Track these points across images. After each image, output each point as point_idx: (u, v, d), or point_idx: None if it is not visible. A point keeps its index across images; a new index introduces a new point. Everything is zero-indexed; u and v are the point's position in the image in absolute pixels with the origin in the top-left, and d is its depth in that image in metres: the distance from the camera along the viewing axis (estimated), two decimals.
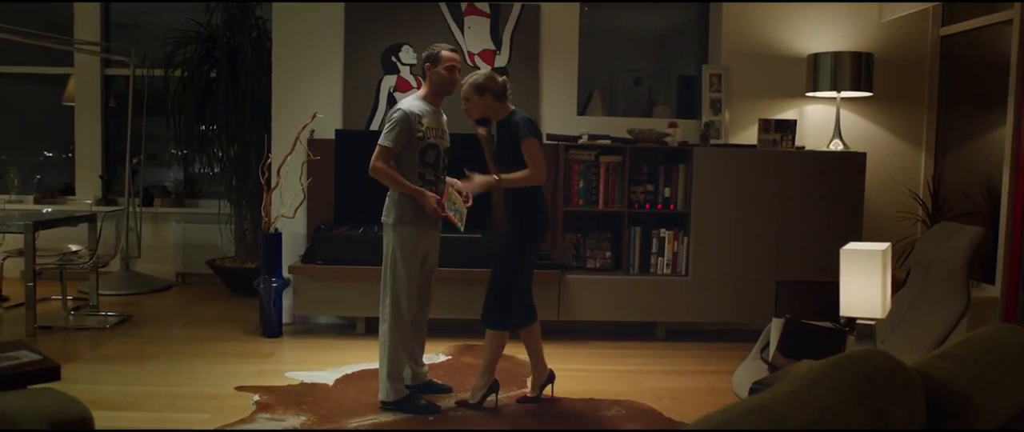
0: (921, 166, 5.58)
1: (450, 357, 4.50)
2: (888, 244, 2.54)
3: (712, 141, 5.24)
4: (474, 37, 5.28)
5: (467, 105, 3.61)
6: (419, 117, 3.59)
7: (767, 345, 3.30)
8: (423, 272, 3.71)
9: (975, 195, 5.16)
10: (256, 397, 3.74)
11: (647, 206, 5.08)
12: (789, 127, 5.11)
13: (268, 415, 3.51)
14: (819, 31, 5.44)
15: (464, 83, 3.60)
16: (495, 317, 3.59)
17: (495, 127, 3.71)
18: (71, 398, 2.39)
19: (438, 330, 4.56)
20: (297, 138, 4.95)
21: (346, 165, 4.94)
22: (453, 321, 4.84)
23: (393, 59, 5.25)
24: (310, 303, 4.95)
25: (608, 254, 5.14)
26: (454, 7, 5.27)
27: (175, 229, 6.59)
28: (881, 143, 5.50)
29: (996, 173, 4.87)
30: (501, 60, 5.29)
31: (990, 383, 1.60)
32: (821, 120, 5.47)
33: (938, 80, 5.55)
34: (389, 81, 5.25)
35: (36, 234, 4.82)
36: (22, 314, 4.90)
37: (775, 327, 3.15)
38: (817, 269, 4.90)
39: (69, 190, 6.84)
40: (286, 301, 4.99)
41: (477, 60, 5.27)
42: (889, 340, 3.37)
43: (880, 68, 5.33)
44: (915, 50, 5.52)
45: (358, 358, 4.41)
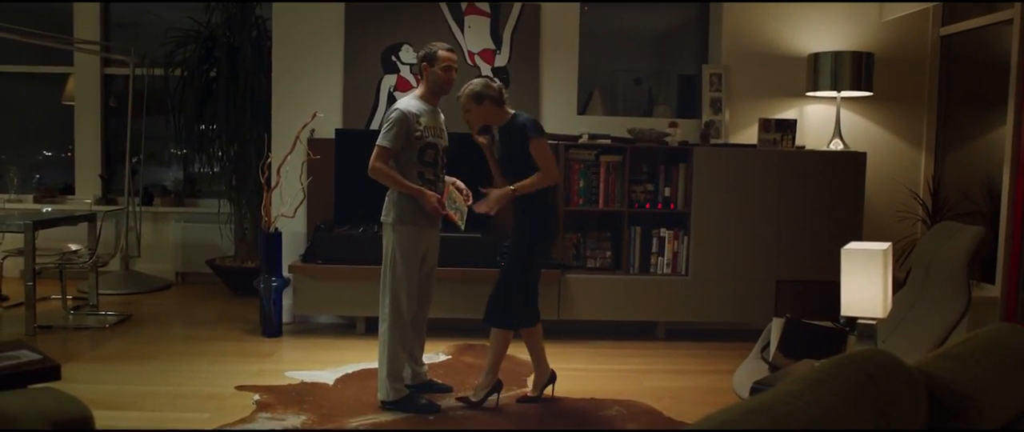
0: (921, 166, 5.58)
1: (450, 357, 4.50)
2: (889, 244, 2.54)
3: (712, 141, 5.24)
4: (474, 36, 5.27)
5: (468, 116, 3.60)
6: (417, 116, 3.58)
7: (767, 345, 3.30)
8: (422, 271, 3.71)
9: (975, 195, 5.16)
10: (256, 396, 3.74)
11: (647, 206, 5.07)
12: (789, 127, 5.11)
13: (268, 415, 3.51)
14: (819, 31, 5.44)
15: (461, 95, 3.58)
16: (499, 316, 3.59)
17: (496, 134, 3.69)
18: (72, 398, 2.39)
19: (438, 330, 4.56)
20: (297, 137, 4.95)
21: (346, 164, 4.94)
22: (453, 321, 4.84)
23: (393, 58, 5.25)
24: (310, 302, 4.95)
25: (608, 254, 5.14)
26: (454, 6, 5.26)
27: (175, 228, 6.58)
28: (881, 143, 5.50)
29: (996, 173, 4.87)
30: (501, 60, 5.28)
31: (992, 383, 1.60)
32: (821, 120, 5.47)
33: (938, 80, 5.55)
34: (389, 80, 5.25)
35: (36, 233, 4.82)
36: (22, 313, 4.89)
37: (776, 327, 3.15)
38: (817, 269, 4.90)
39: (69, 189, 6.83)
40: (286, 300, 4.99)
41: (477, 60, 5.27)
42: (890, 340, 3.37)
43: (880, 68, 5.33)
44: (915, 50, 5.52)
45: (358, 358, 4.41)
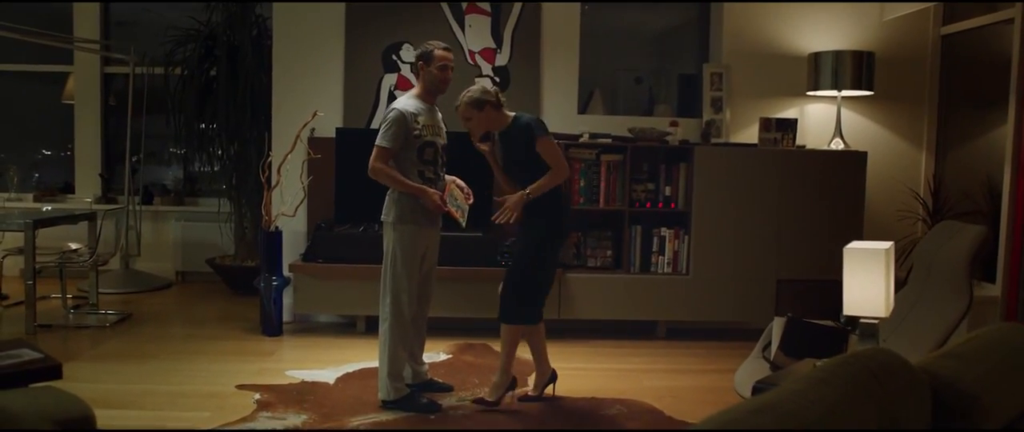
0: (922, 165, 5.58)
1: (451, 356, 4.50)
2: (891, 243, 2.54)
3: (713, 140, 5.23)
4: (475, 35, 5.27)
5: (469, 124, 3.58)
6: (415, 115, 3.58)
7: (769, 344, 3.29)
8: (422, 270, 3.71)
9: (976, 194, 5.15)
10: (257, 395, 3.73)
11: (648, 205, 5.07)
12: (790, 126, 5.11)
13: (269, 414, 3.51)
14: (820, 30, 5.43)
15: (459, 104, 3.56)
16: (510, 312, 3.58)
17: (497, 139, 3.67)
18: (74, 397, 2.38)
19: (438, 329, 4.56)
20: (298, 136, 4.94)
21: (347, 163, 4.93)
22: (453, 320, 4.84)
23: (394, 57, 5.24)
24: (310, 302, 4.94)
25: (609, 253, 5.13)
26: (455, 6, 5.26)
27: (175, 227, 6.58)
28: (882, 142, 5.49)
29: (997, 172, 4.86)
30: (502, 59, 5.28)
31: (996, 382, 1.60)
32: (822, 119, 5.47)
33: (939, 79, 5.55)
34: (390, 79, 5.25)
35: (36, 232, 4.82)
36: (22, 312, 4.89)
37: (777, 326, 3.15)
38: (818, 268, 4.90)
39: (69, 188, 6.83)
40: (286, 300, 4.99)
41: (478, 59, 5.26)
42: (891, 339, 3.37)
43: (881, 67, 5.33)
44: (916, 49, 5.52)
45: (359, 357, 4.40)
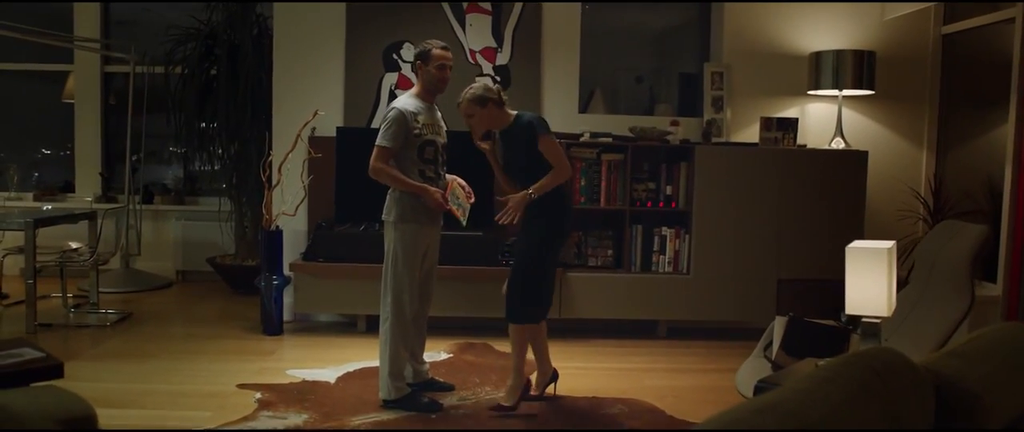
0: (923, 164, 5.57)
1: (451, 355, 4.50)
2: (894, 242, 2.54)
3: (714, 139, 5.23)
4: (476, 35, 5.26)
5: (471, 121, 3.56)
6: (414, 114, 3.57)
7: (770, 343, 3.29)
8: (423, 269, 3.70)
9: (977, 193, 5.15)
10: (258, 395, 3.73)
11: (648, 204, 5.07)
12: (791, 125, 5.11)
13: (270, 413, 3.50)
14: (821, 29, 5.43)
15: (462, 101, 3.54)
16: (517, 312, 3.56)
17: (498, 137, 3.65)
18: (76, 396, 2.38)
19: (439, 328, 4.55)
20: (298, 135, 4.94)
21: (347, 162, 4.93)
22: (454, 319, 4.84)
23: (395, 56, 5.24)
24: (311, 301, 4.94)
25: (610, 252, 5.13)
26: (456, 5, 5.25)
27: (175, 227, 6.58)
28: (883, 141, 5.49)
29: (998, 171, 4.86)
30: (502, 58, 5.28)
31: (999, 382, 1.60)
32: (823, 118, 5.47)
33: (940, 79, 5.55)
34: (390, 78, 5.24)
35: (36, 231, 4.81)
36: (22, 311, 4.89)
37: (778, 325, 3.14)
38: (818, 267, 4.90)
39: (69, 187, 6.83)
40: (287, 299, 4.98)
41: (479, 58, 5.26)
42: (892, 339, 3.37)
43: (882, 66, 5.33)
44: (917, 48, 5.51)
45: (359, 356, 4.40)
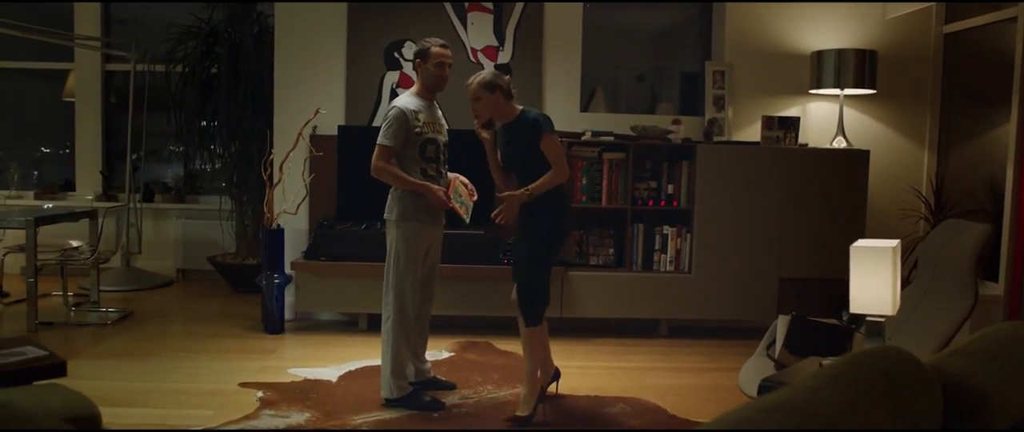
0: (924, 163, 5.57)
1: (453, 354, 4.50)
2: (898, 241, 2.53)
3: (715, 138, 5.23)
4: (477, 33, 5.26)
5: (477, 105, 3.47)
6: (415, 113, 3.57)
7: (773, 342, 3.29)
8: (425, 267, 3.70)
9: (978, 192, 5.15)
10: (260, 393, 3.73)
11: (650, 203, 5.07)
12: (792, 124, 5.11)
13: (272, 412, 3.50)
14: (822, 28, 5.43)
15: (471, 83, 3.47)
16: (530, 314, 3.50)
17: (499, 131, 3.59)
18: (79, 394, 2.37)
19: (441, 327, 4.55)
20: (300, 134, 4.94)
21: (349, 161, 4.93)
22: (456, 317, 4.84)
23: (396, 55, 5.23)
24: (312, 299, 4.94)
25: (611, 251, 5.13)
26: (457, 3, 5.25)
27: (176, 225, 6.57)
28: (884, 140, 5.49)
29: (999, 170, 4.86)
30: (504, 57, 5.27)
31: (1006, 381, 1.59)
32: (824, 117, 5.46)
33: (941, 78, 5.54)
34: (392, 77, 5.24)
35: (37, 230, 4.81)
36: (23, 310, 4.88)
37: (782, 324, 3.14)
38: (820, 266, 4.90)
39: (69, 186, 6.82)
40: (288, 297, 4.98)
41: (480, 56, 5.25)
42: (895, 338, 3.36)
43: (883, 65, 5.32)
44: (919, 47, 5.51)
45: (361, 355, 4.40)
